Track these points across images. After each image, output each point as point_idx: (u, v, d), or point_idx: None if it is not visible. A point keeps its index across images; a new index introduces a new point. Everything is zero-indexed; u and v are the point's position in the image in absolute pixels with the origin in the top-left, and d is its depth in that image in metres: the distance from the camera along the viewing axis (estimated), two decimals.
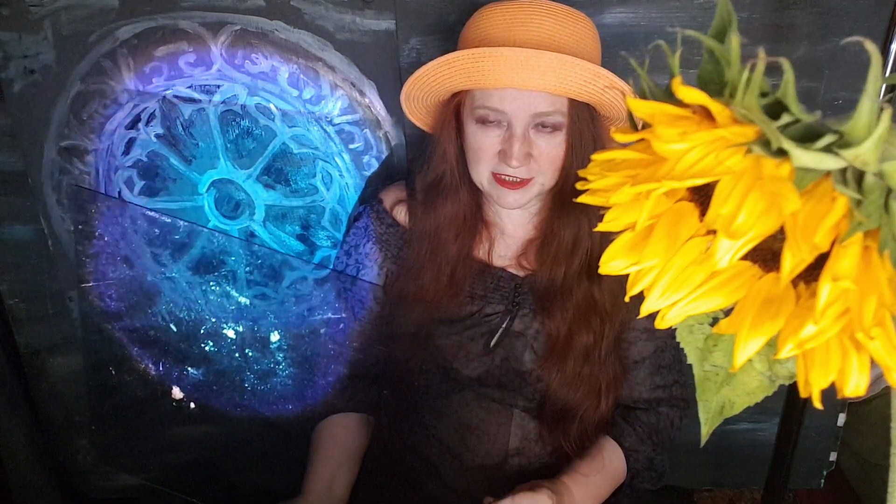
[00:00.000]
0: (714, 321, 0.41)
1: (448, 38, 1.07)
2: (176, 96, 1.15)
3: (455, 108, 0.92)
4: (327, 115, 1.12)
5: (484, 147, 0.88)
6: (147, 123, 1.18)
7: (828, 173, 0.29)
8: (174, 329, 1.23)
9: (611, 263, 0.37)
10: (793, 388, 0.35)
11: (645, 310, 0.36)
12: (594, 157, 0.36)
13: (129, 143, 1.20)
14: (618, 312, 0.95)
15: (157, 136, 1.18)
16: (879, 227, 0.29)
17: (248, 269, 1.21)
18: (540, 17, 0.84)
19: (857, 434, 1.34)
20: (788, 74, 0.29)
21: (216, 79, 1.12)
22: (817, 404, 0.31)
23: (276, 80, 1.10)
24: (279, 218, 1.22)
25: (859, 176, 0.28)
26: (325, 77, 1.10)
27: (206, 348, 1.22)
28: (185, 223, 1.20)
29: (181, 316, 1.22)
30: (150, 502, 1.41)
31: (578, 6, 1.01)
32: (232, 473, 1.35)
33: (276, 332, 1.22)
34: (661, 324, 0.36)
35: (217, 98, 1.14)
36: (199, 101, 1.15)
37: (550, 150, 0.88)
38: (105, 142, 1.18)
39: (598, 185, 0.36)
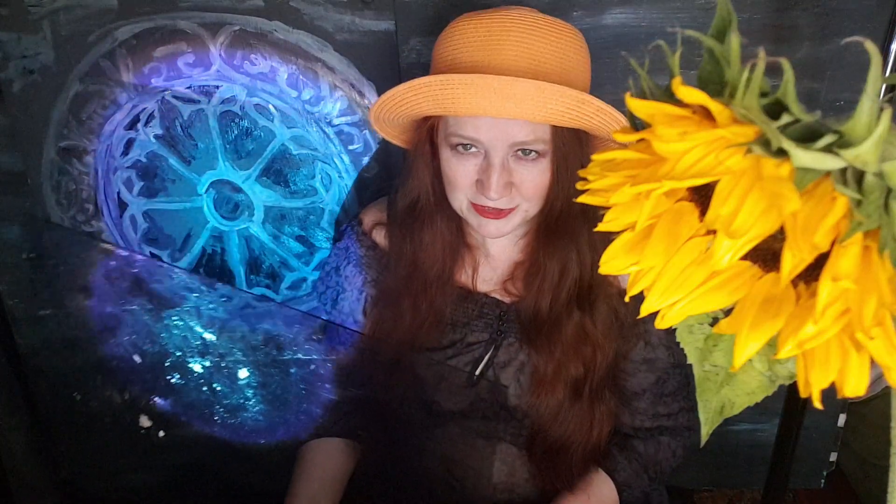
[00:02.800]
0: (714, 321, 0.41)
1: None
2: (175, 97, 1.15)
3: (428, 131, 0.85)
4: (326, 116, 1.12)
5: (459, 176, 0.82)
6: (146, 124, 1.18)
7: (828, 173, 0.29)
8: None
9: (611, 263, 0.37)
10: (793, 388, 0.35)
11: (645, 310, 0.36)
12: (594, 157, 0.36)
13: (128, 144, 1.20)
14: (611, 343, 0.90)
15: (156, 136, 1.18)
16: (879, 227, 0.29)
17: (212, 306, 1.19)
18: (518, 34, 0.76)
19: (857, 434, 1.34)
20: (788, 74, 0.29)
21: (215, 79, 1.12)
22: (817, 404, 0.31)
23: (276, 80, 1.10)
24: (278, 219, 1.22)
25: (859, 176, 0.28)
26: (324, 78, 1.10)
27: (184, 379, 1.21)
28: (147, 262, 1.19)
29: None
30: (150, 503, 1.41)
31: (579, 7, 1.02)
32: (223, 477, 1.35)
33: (246, 370, 1.20)
34: (661, 324, 0.36)
35: (216, 99, 1.14)
36: (198, 101, 1.15)
37: (534, 179, 0.81)
38: (104, 142, 1.18)
39: (598, 185, 0.36)
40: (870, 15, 1.01)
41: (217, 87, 1.13)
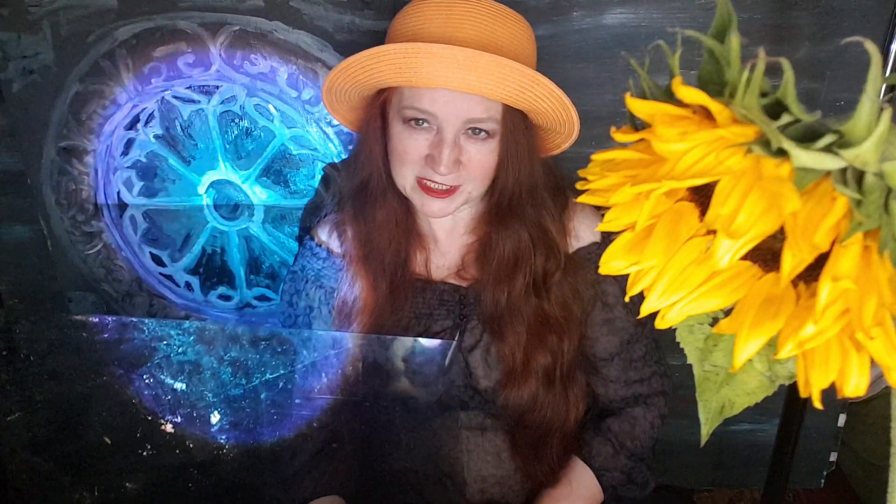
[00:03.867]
0: (714, 321, 0.41)
1: None
2: (175, 97, 1.15)
3: (381, 106, 0.85)
4: (326, 116, 1.12)
5: (409, 150, 0.83)
6: (146, 124, 1.18)
7: (828, 173, 0.29)
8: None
9: (611, 263, 0.37)
10: (793, 388, 0.35)
11: (645, 310, 0.36)
12: (594, 157, 0.36)
13: (128, 144, 1.20)
14: (573, 324, 0.91)
15: (156, 136, 1.18)
16: (879, 227, 0.29)
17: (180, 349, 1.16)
18: (479, 14, 0.79)
19: (857, 434, 1.34)
20: (788, 74, 0.29)
21: (215, 79, 1.12)
22: (817, 404, 0.31)
23: (275, 80, 1.10)
24: (278, 219, 1.22)
25: (859, 176, 0.28)
26: (324, 78, 1.10)
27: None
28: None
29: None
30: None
31: (579, 7, 1.02)
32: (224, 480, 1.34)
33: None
34: (661, 324, 0.36)
35: (216, 99, 1.14)
36: (198, 101, 1.15)
37: (481, 158, 0.83)
38: (104, 142, 1.18)
39: (598, 185, 0.36)
40: (870, 15, 1.01)
41: (217, 87, 1.13)
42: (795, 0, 1.01)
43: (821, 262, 0.30)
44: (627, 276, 0.37)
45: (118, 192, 1.23)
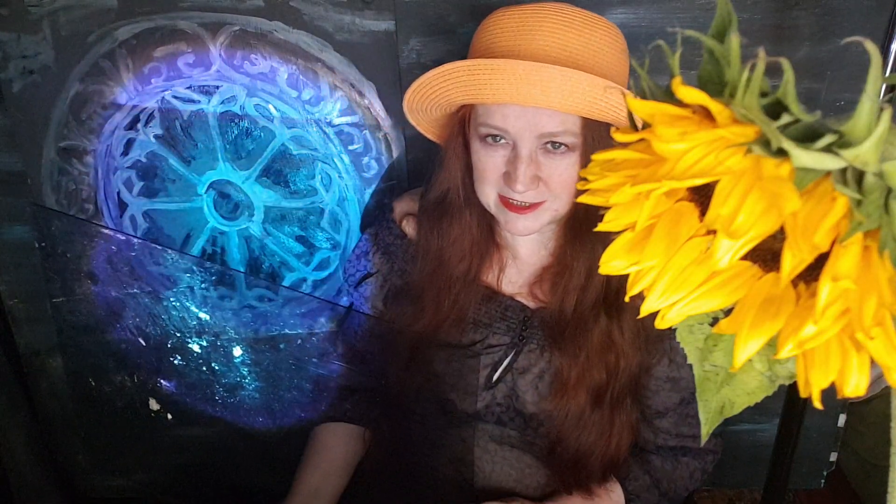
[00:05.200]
0: (714, 321, 0.41)
1: (448, 38, 1.06)
2: (175, 97, 1.15)
3: (461, 122, 0.85)
4: (326, 117, 1.12)
5: (488, 168, 0.81)
6: (146, 124, 1.18)
7: (828, 173, 0.29)
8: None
9: (611, 263, 0.37)
10: (793, 388, 0.35)
11: (645, 310, 0.36)
12: (594, 157, 0.36)
13: (128, 144, 1.19)
14: (636, 352, 0.88)
15: (156, 136, 1.18)
16: (879, 227, 0.29)
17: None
18: (551, 24, 0.76)
19: (857, 434, 1.34)
20: (788, 74, 0.29)
21: (215, 79, 1.12)
22: (817, 404, 0.31)
23: (276, 80, 1.10)
24: (278, 219, 1.22)
25: (859, 176, 0.28)
26: (324, 78, 1.10)
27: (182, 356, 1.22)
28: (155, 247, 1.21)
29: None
30: (150, 502, 1.41)
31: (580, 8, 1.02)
32: (226, 475, 1.35)
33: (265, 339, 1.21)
34: (661, 324, 0.36)
35: (216, 99, 1.14)
36: (198, 101, 1.15)
37: (562, 173, 0.79)
38: (104, 142, 1.18)
39: (598, 185, 0.36)
40: (869, 15, 1.01)
41: (217, 87, 1.13)
42: (795, 0, 1.01)
43: (821, 262, 0.30)
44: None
45: (118, 192, 1.23)
